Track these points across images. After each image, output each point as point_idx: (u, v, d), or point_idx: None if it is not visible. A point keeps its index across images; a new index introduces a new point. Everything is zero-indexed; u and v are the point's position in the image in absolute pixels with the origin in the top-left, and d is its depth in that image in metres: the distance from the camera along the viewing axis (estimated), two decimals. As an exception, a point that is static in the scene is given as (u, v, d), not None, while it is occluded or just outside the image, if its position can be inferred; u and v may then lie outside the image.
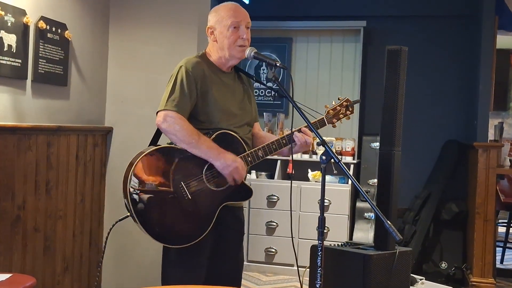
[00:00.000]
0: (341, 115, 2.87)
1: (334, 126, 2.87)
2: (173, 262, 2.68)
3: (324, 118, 2.82)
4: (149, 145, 2.74)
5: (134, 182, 2.52)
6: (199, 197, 2.59)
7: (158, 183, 2.56)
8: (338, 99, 2.90)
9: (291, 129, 2.74)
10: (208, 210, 2.61)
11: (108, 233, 2.73)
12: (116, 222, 2.69)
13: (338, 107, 2.86)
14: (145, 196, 2.54)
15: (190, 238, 2.58)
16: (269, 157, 5.70)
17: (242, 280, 4.97)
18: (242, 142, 2.70)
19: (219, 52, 2.74)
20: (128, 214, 2.56)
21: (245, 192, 2.74)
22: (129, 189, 2.51)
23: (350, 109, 2.90)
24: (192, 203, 2.57)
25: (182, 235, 2.58)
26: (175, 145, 2.62)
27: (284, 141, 2.75)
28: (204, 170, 2.61)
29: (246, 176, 2.74)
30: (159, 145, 2.69)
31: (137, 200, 2.52)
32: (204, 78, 2.66)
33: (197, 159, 2.60)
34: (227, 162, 2.59)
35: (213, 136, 2.63)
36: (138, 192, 2.53)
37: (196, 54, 2.78)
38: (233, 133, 2.69)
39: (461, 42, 5.73)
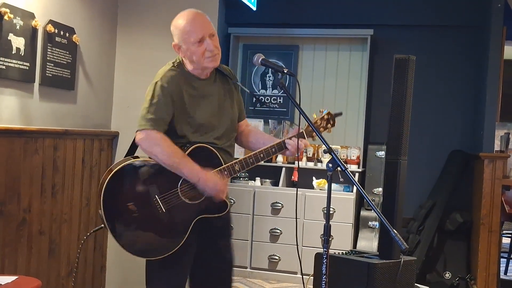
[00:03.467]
0: (321, 128, 2.83)
1: (313, 139, 2.85)
2: (156, 272, 2.68)
3: (304, 132, 2.77)
4: (125, 155, 2.73)
5: (108, 194, 2.51)
6: (173, 211, 2.57)
7: (132, 196, 2.56)
8: (320, 111, 2.88)
9: (298, 136, 2.74)
10: (182, 223, 2.59)
11: (82, 244, 2.78)
12: (89, 234, 2.77)
13: (318, 121, 2.84)
14: (119, 209, 2.53)
15: (162, 251, 2.57)
16: (273, 164, 5.70)
17: (246, 287, 4.97)
18: (218, 155, 2.67)
19: (192, 65, 2.69)
20: (102, 225, 2.56)
21: (220, 205, 2.68)
22: (104, 201, 2.50)
23: (332, 122, 2.87)
24: (166, 216, 2.56)
25: (154, 248, 2.59)
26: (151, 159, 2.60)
27: (273, 150, 2.72)
28: (180, 183, 2.59)
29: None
30: (136, 156, 2.68)
31: (112, 213, 2.52)
32: (180, 92, 2.63)
33: (172, 172, 2.57)
34: (209, 184, 2.57)
35: (188, 150, 2.60)
36: (113, 205, 2.52)
37: (172, 65, 2.72)
38: (209, 146, 2.65)
39: (468, 52, 5.72)
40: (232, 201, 2.83)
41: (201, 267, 2.77)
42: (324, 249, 2.33)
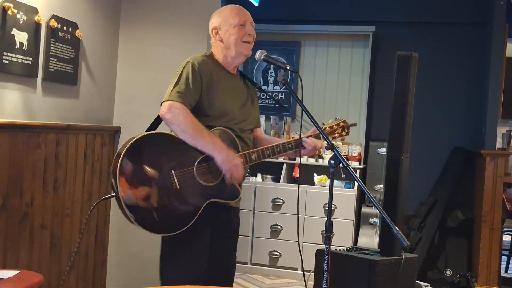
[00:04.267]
0: (336, 134, 2.90)
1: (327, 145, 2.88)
2: (171, 259, 2.67)
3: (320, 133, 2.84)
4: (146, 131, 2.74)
5: (124, 163, 2.48)
6: (186, 189, 2.56)
7: (148, 167, 2.53)
8: (336, 119, 2.92)
9: (300, 132, 2.75)
10: (193, 203, 2.59)
11: (91, 210, 2.76)
12: (100, 201, 2.70)
13: (334, 126, 2.90)
14: (133, 178, 2.50)
15: (171, 229, 2.56)
16: (275, 160, 5.71)
17: (246, 282, 4.98)
18: (237, 141, 2.71)
19: (224, 52, 2.78)
20: (114, 194, 2.52)
21: (233, 191, 2.70)
22: (119, 169, 2.47)
23: (346, 131, 2.94)
24: (178, 193, 2.55)
25: (163, 224, 2.56)
26: (173, 133, 2.63)
27: (290, 146, 2.77)
28: (196, 162, 2.59)
29: (244, 177, 2.72)
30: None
31: (125, 181, 2.48)
32: (210, 75, 2.69)
33: (191, 150, 2.58)
34: (228, 157, 2.58)
35: (211, 131, 2.64)
36: (127, 173, 2.49)
37: (203, 54, 2.81)
38: (230, 131, 2.69)
39: (470, 49, 5.72)
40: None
41: (208, 261, 2.77)
42: (326, 246, 2.33)
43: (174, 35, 4.20)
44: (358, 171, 5.53)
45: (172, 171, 2.55)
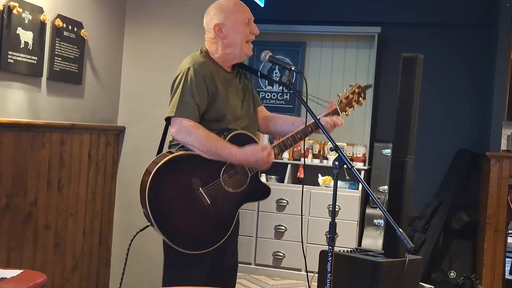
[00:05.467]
0: (353, 102, 2.86)
1: (347, 115, 2.84)
2: (175, 262, 2.65)
3: (338, 108, 2.80)
4: (158, 151, 2.71)
5: (152, 192, 2.46)
6: (218, 201, 2.56)
7: (176, 191, 2.51)
8: (350, 85, 2.87)
9: (305, 126, 2.70)
10: (228, 213, 2.60)
11: (130, 244, 2.73)
12: (137, 233, 2.69)
13: (350, 95, 2.86)
14: (164, 205, 2.49)
15: (212, 243, 2.57)
16: (279, 160, 5.68)
17: (249, 283, 4.98)
18: (256, 140, 2.68)
19: (226, 50, 2.68)
20: (149, 224, 2.54)
21: (263, 190, 2.70)
22: (148, 199, 2.45)
23: (363, 95, 2.88)
24: (211, 208, 2.54)
25: (204, 241, 2.56)
26: (189, 151, 2.57)
27: (310, 129, 2.71)
28: (221, 173, 2.57)
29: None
30: (171, 152, 2.63)
31: (158, 210, 2.47)
32: (211, 78, 2.61)
33: (213, 163, 2.55)
34: (255, 156, 2.53)
35: (228, 137, 2.59)
36: (158, 201, 2.47)
37: (199, 52, 2.70)
38: (248, 133, 2.66)
39: (476, 51, 5.71)
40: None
41: (213, 262, 2.77)
42: (329, 247, 2.33)
43: (179, 35, 4.20)
44: (362, 172, 5.52)
45: (200, 188, 2.53)
